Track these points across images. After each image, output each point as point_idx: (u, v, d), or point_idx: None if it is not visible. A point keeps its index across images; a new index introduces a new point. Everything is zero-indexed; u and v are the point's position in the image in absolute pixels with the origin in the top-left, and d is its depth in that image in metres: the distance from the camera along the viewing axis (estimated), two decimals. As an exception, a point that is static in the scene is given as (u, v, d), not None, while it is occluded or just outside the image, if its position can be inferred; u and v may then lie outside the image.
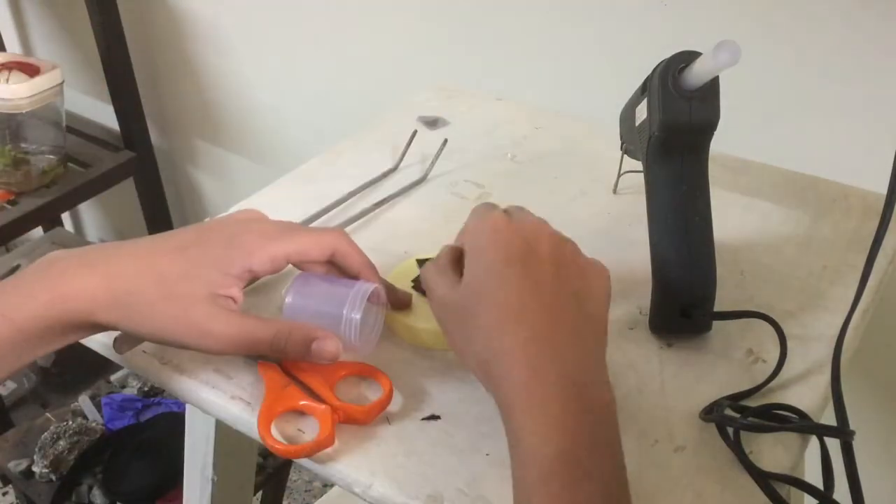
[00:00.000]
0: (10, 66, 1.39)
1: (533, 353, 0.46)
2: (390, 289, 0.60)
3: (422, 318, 0.60)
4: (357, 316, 0.55)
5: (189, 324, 0.51)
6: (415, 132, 0.84)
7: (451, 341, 0.52)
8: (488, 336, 0.48)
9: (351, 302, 0.55)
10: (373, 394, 0.55)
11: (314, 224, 0.72)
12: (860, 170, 0.75)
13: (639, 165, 0.62)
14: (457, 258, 0.53)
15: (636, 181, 0.65)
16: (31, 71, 1.39)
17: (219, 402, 0.56)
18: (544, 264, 0.50)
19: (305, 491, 1.63)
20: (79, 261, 0.52)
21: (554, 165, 0.81)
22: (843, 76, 0.88)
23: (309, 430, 0.53)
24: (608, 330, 0.51)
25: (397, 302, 0.60)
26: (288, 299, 0.56)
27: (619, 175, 0.75)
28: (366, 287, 0.56)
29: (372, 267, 0.59)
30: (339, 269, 0.59)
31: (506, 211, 0.55)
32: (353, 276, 0.58)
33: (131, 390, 1.39)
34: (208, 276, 0.52)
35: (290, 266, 0.58)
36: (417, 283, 0.62)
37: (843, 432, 0.50)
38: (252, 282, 0.59)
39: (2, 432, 1.34)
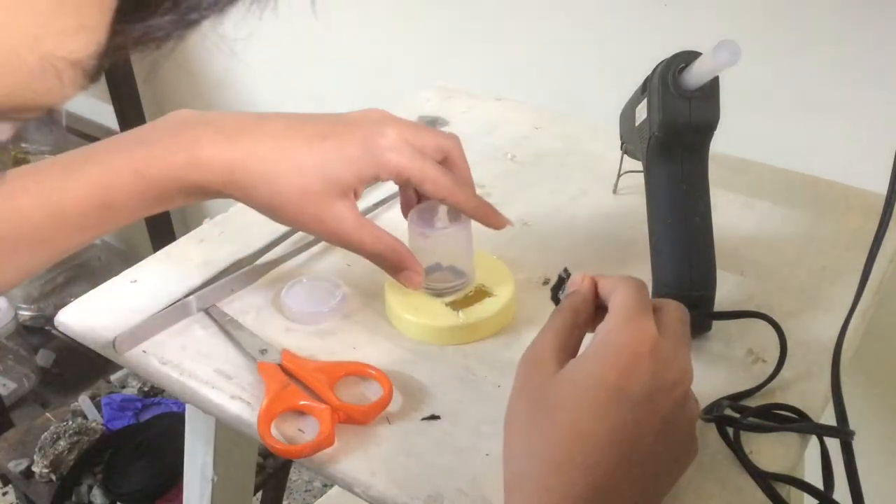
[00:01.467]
0: (10, 66, 1.39)
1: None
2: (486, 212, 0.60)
3: (422, 313, 0.60)
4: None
5: (316, 220, 0.54)
6: (415, 132, 0.84)
7: (508, 426, 0.45)
8: (541, 454, 0.42)
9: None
10: (373, 394, 0.55)
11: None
12: (860, 170, 0.75)
13: (639, 165, 0.62)
14: (575, 340, 0.47)
15: (636, 181, 0.65)
16: (31, 71, 1.39)
17: (219, 402, 0.56)
18: (649, 424, 0.42)
19: (305, 491, 1.62)
20: (214, 129, 0.53)
21: (554, 165, 0.81)
22: (843, 76, 0.88)
23: (309, 430, 0.53)
24: None
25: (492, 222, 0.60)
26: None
27: (619, 175, 0.75)
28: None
29: (466, 187, 0.59)
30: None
31: (660, 326, 0.44)
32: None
33: (131, 390, 1.39)
34: (341, 175, 0.54)
35: None
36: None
37: (843, 432, 0.50)
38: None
39: (2, 432, 1.34)
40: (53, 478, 1.23)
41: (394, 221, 0.73)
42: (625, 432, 0.41)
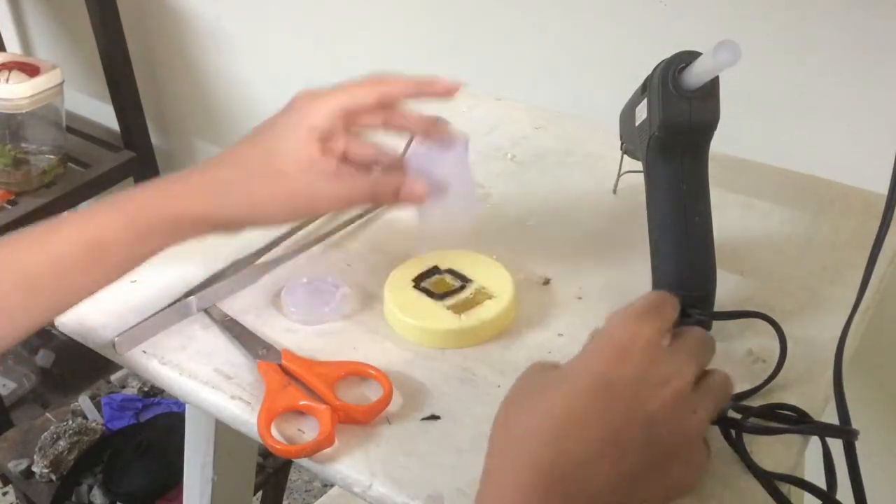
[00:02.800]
0: (10, 66, 1.39)
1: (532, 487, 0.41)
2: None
3: (422, 317, 0.60)
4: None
5: (291, 194, 0.57)
6: (415, 132, 0.84)
7: (500, 408, 0.46)
8: (516, 427, 0.43)
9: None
10: (373, 394, 0.55)
11: (310, 226, 0.71)
12: (860, 170, 0.75)
13: (639, 165, 0.62)
14: None
15: (636, 181, 0.65)
16: (31, 71, 1.39)
17: (219, 402, 0.56)
18: (629, 415, 0.42)
19: (305, 491, 1.62)
20: (183, 173, 0.58)
21: (554, 165, 0.81)
22: (843, 76, 0.88)
23: (309, 430, 0.53)
24: None
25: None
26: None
27: (619, 175, 0.75)
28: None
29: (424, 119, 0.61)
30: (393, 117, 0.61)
31: (671, 333, 0.46)
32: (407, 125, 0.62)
33: (131, 390, 1.39)
34: (285, 146, 0.57)
35: None
36: (419, 283, 0.62)
37: (846, 432, 0.50)
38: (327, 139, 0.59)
39: (2, 432, 1.34)
40: (53, 478, 1.23)
41: (393, 221, 0.73)
42: (599, 416, 0.42)
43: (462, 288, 0.62)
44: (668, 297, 0.48)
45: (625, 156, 0.71)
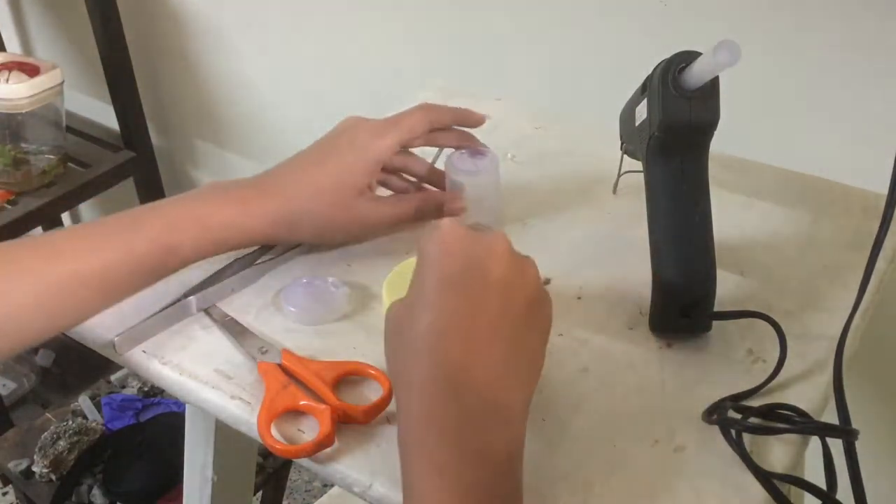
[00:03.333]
0: (10, 66, 1.39)
1: (440, 387, 0.44)
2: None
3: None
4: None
5: (352, 221, 0.64)
6: (415, 132, 0.83)
7: (386, 359, 0.50)
8: (404, 358, 0.46)
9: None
10: (373, 394, 0.55)
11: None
12: (860, 170, 0.75)
13: (639, 165, 0.62)
14: None
15: (636, 181, 0.65)
16: (31, 71, 1.39)
17: (219, 402, 0.56)
18: (490, 287, 0.46)
19: (305, 491, 1.63)
20: (255, 191, 0.62)
21: (554, 165, 0.81)
22: (843, 76, 0.88)
23: (309, 430, 0.53)
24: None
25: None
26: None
27: (619, 175, 0.74)
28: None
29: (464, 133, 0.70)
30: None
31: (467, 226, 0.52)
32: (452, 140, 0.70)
33: (131, 390, 1.39)
34: (352, 179, 0.64)
35: None
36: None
37: (846, 432, 0.50)
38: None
39: (2, 432, 1.34)
40: (53, 478, 1.23)
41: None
42: (465, 303, 0.46)
43: (462, 288, 0.62)
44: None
45: (625, 156, 0.71)
